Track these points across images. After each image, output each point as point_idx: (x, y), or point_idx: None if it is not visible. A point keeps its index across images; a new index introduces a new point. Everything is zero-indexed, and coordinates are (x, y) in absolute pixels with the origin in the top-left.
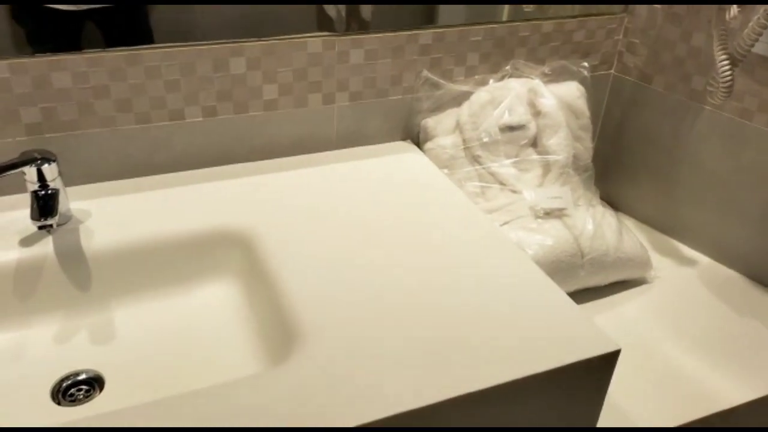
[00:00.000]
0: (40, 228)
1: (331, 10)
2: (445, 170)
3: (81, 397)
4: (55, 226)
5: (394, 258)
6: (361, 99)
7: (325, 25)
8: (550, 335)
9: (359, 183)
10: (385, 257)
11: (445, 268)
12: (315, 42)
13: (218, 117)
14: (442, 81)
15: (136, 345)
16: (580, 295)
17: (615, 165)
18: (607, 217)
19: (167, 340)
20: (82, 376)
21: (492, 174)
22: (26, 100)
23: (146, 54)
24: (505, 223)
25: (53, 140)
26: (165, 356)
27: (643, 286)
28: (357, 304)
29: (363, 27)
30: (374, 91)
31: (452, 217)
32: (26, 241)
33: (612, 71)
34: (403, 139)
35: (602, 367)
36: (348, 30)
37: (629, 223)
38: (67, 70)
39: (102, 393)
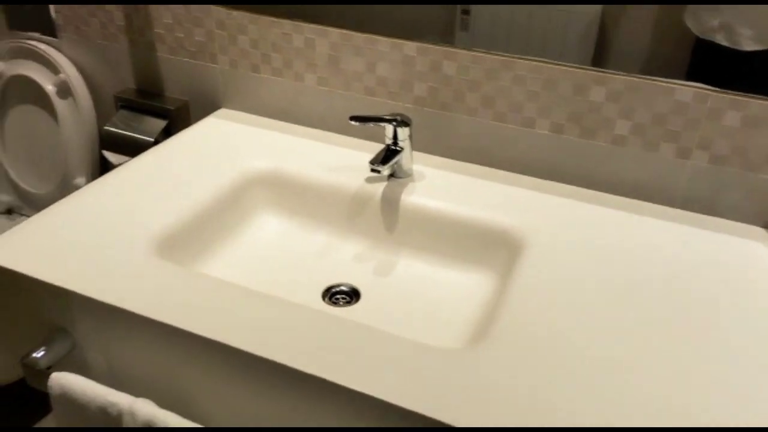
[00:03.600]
0: (372, 170)
1: None
2: None
3: (341, 303)
4: (383, 173)
5: (674, 362)
6: (723, 164)
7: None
8: None
9: (689, 254)
10: (665, 357)
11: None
12: (685, 91)
13: (563, 135)
14: None
15: (396, 286)
16: None
17: None
18: None
19: (418, 294)
20: (345, 288)
21: None
22: (420, 77)
23: (519, 63)
24: None
25: (428, 114)
26: (409, 303)
27: None
28: (572, 388)
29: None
30: (742, 162)
31: None
32: (370, 179)
33: None
34: (766, 227)
35: None
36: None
37: None
38: (455, 62)
39: (355, 305)
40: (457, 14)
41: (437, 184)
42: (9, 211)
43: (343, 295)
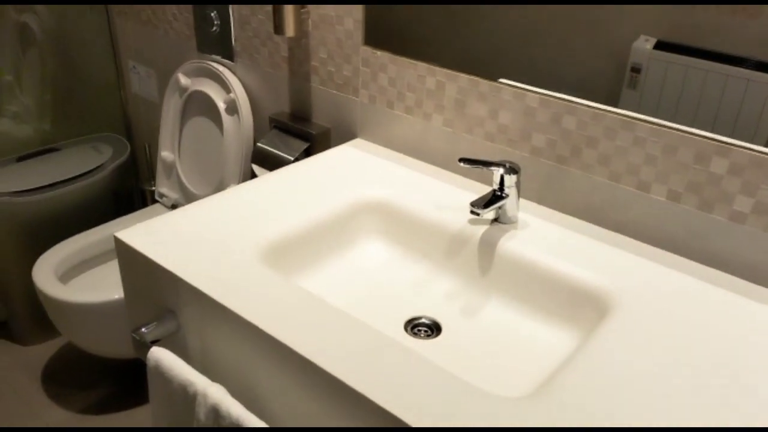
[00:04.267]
0: (471, 212)
1: None
2: None
3: (422, 334)
4: (482, 216)
5: None
6: None
7: None
8: None
9: None
10: None
11: None
12: None
13: (680, 204)
14: None
15: (478, 327)
16: None
17: None
18: None
19: (499, 340)
20: (427, 321)
21: None
22: (540, 128)
23: (639, 125)
24: None
25: (544, 165)
26: (487, 347)
27: None
28: None
29: None
30: None
31: None
32: (475, 221)
33: None
34: None
35: None
36: None
37: None
38: (575, 117)
39: (435, 339)
40: (626, 71)
41: (539, 235)
42: (174, 207)
43: (425, 328)
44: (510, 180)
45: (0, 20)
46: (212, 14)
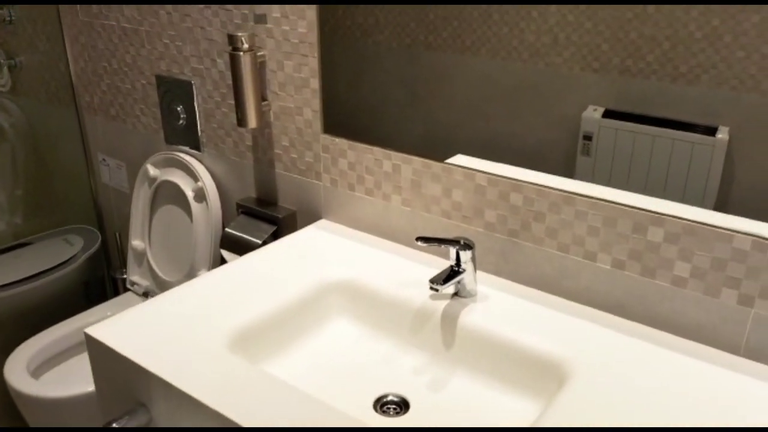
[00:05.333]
0: (431, 288)
1: None
2: None
3: (391, 412)
4: (441, 291)
5: None
6: None
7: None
8: None
9: (744, 409)
10: None
11: None
12: (743, 239)
13: (625, 272)
14: None
15: (446, 401)
16: None
17: None
18: None
19: (466, 412)
20: (395, 399)
21: None
22: (490, 205)
23: (579, 199)
24: None
25: (497, 239)
26: (455, 420)
27: None
28: None
29: None
30: None
31: None
32: (436, 296)
33: None
34: None
35: None
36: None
37: None
38: (521, 194)
39: (404, 416)
40: (579, 140)
41: (498, 308)
42: (145, 294)
43: (393, 405)
44: (465, 256)
45: None
46: (178, 108)
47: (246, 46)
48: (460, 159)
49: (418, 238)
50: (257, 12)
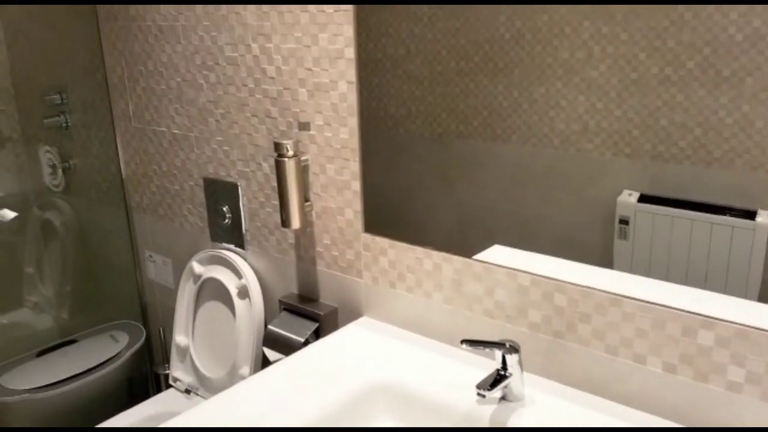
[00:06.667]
0: (477, 395)
1: None
2: None
3: None
4: (488, 397)
5: None
6: None
7: None
8: None
9: None
10: None
11: None
12: None
13: (677, 376)
14: None
15: None
16: None
17: None
18: None
19: None
20: None
21: None
22: (534, 305)
23: (626, 302)
24: None
25: (543, 340)
26: None
27: None
28: None
29: None
30: None
31: None
32: (481, 400)
33: None
34: None
35: None
36: None
37: None
38: (566, 294)
39: None
40: (615, 224)
41: (548, 413)
42: (187, 391)
43: None
44: (512, 359)
45: (25, 217)
46: (224, 208)
47: (291, 152)
48: (497, 251)
49: (463, 341)
50: (301, 120)
